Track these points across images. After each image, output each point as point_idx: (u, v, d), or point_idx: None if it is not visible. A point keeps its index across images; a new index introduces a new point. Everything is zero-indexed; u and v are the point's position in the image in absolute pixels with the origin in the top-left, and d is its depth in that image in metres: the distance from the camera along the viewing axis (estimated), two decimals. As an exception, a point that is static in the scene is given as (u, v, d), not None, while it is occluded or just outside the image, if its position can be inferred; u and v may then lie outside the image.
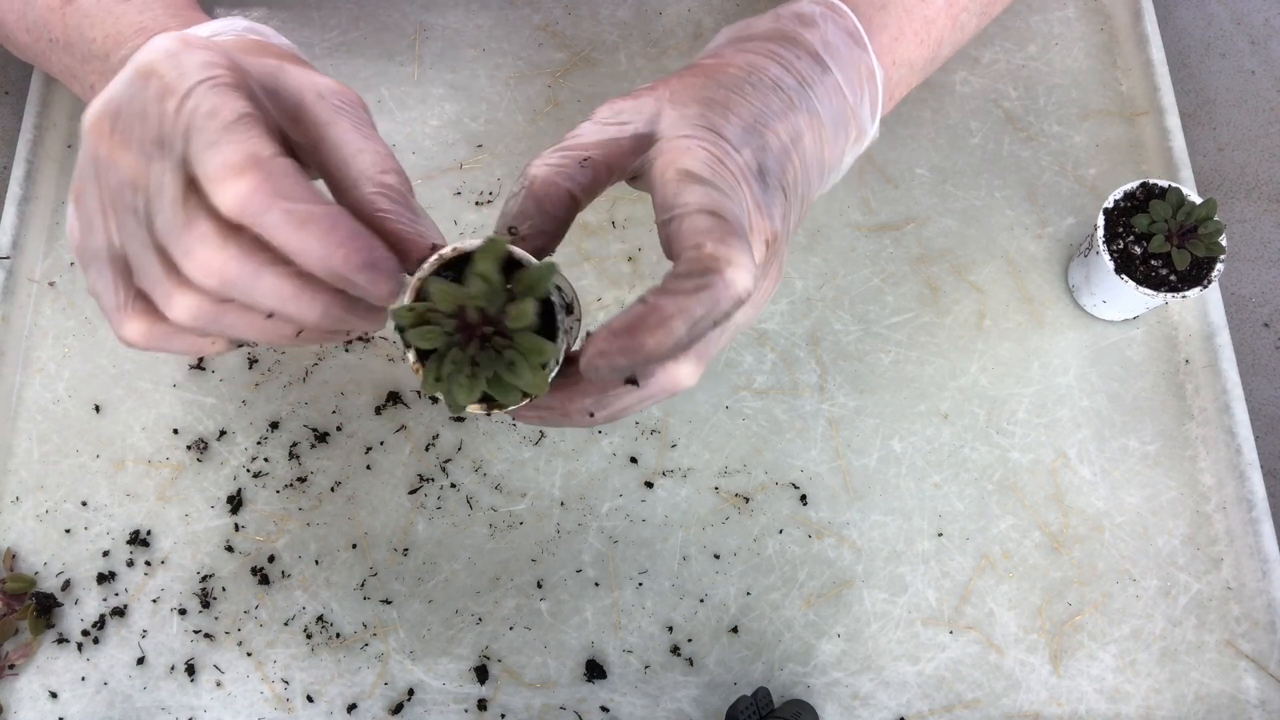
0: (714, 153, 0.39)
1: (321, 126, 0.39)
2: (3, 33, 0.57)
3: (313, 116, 0.39)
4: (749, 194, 0.39)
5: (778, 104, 0.43)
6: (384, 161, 0.39)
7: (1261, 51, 0.76)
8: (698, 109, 0.42)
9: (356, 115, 0.41)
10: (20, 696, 0.57)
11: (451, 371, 0.35)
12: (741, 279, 0.35)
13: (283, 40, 0.46)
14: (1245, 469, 0.61)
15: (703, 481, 0.61)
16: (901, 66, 0.51)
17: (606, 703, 0.57)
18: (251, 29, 0.45)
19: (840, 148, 0.47)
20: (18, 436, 0.62)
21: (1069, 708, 0.57)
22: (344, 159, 0.39)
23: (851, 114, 0.47)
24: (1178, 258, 0.58)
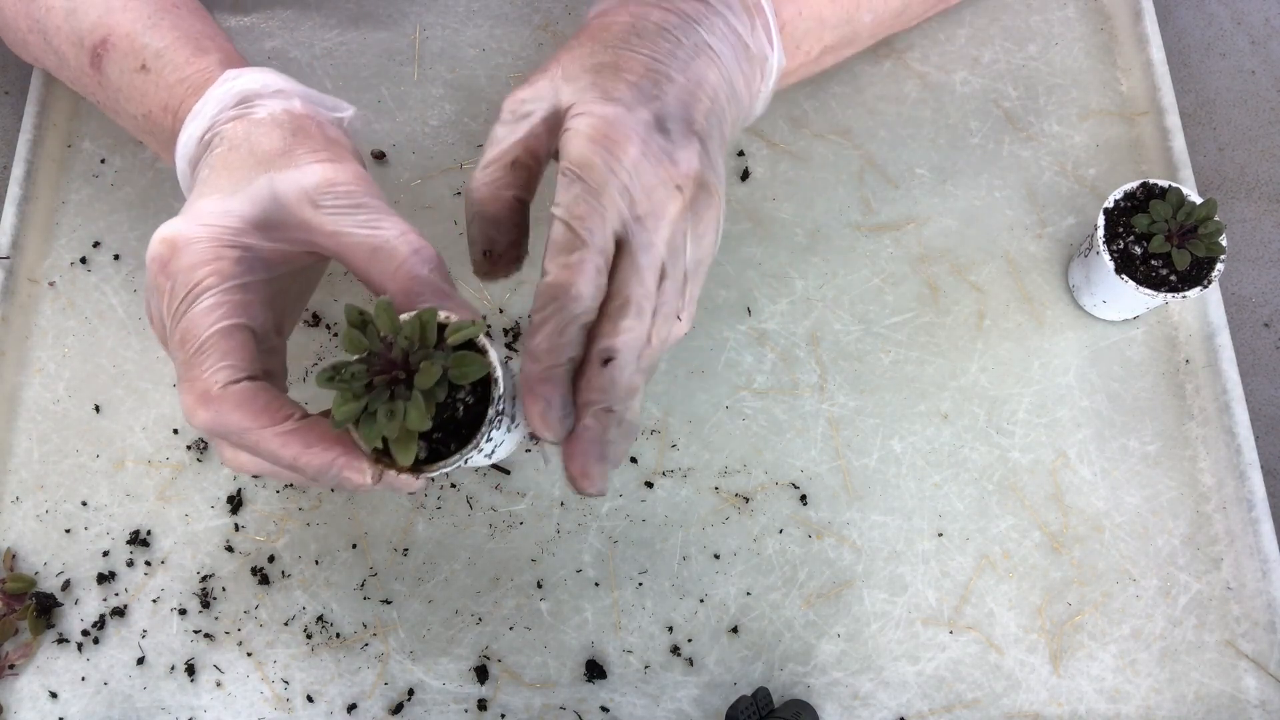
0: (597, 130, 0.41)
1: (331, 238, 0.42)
2: (46, 70, 0.59)
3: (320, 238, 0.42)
4: (644, 152, 0.41)
5: (667, 47, 0.44)
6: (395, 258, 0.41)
7: (1261, 51, 0.76)
8: (589, 79, 0.43)
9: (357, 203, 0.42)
10: (20, 696, 0.57)
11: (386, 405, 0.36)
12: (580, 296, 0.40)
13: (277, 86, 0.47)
14: (1245, 469, 0.61)
15: (703, 481, 0.61)
16: (809, 19, 0.53)
17: (606, 703, 0.57)
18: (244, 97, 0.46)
19: (746, 76, 0.48)
20: (18, 436, 0.62)
21: (1069, 708, 0.57)
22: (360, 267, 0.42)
23: (749, 45, 0.48)
24: (1178, 258, 0.58)
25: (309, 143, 0.45)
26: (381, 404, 0.36)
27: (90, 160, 0.68)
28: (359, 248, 0.41)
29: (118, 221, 0.66)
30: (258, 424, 0.39)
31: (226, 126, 0.45)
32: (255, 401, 0.39)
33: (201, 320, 0.40)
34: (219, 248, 0.41)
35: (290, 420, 0.39)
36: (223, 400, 0.39)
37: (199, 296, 0.40)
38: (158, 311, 0.42)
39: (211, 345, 0.40)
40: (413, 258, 0.41)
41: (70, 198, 0.67)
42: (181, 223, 0.41)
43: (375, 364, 0.37)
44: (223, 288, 0.40)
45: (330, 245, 0.42)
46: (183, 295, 0.40)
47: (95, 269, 0.65)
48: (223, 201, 0.42)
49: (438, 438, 0.39)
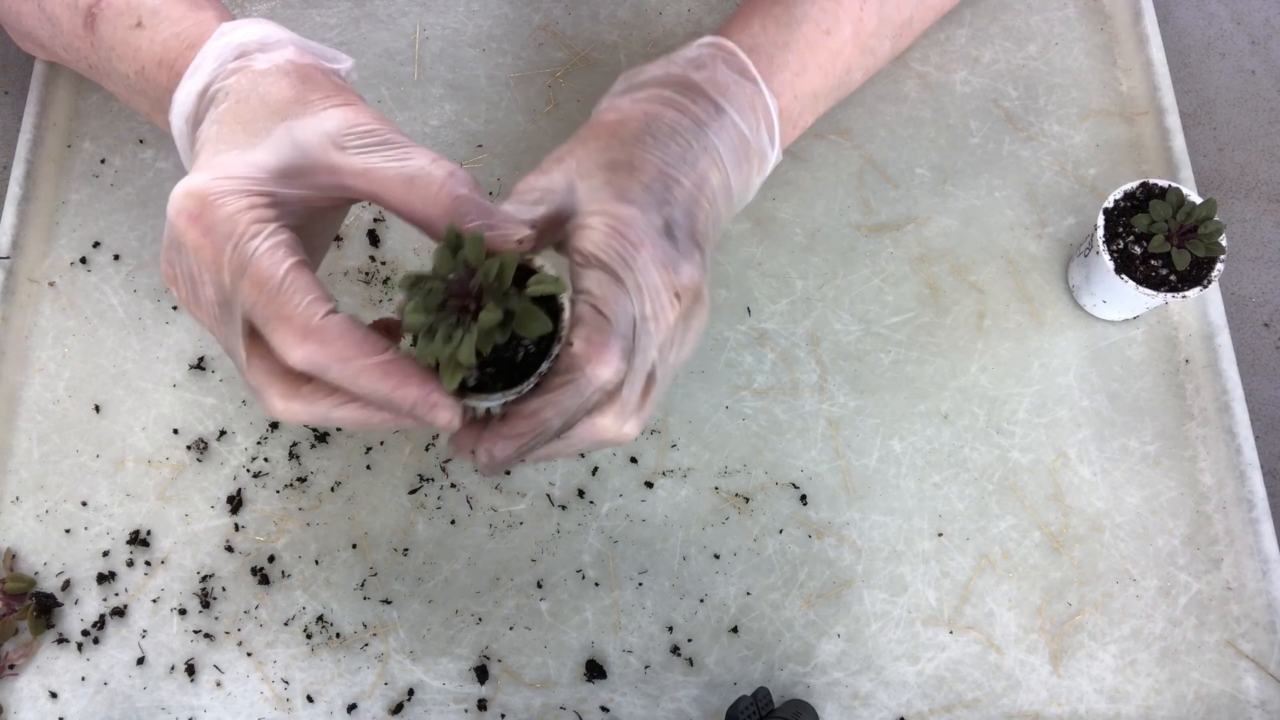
0: (614, 229, 0.42)
1: (361, 177, 0.42)
2: (38, 44, 0.59)
3: (350, 179, 0.42)
4: (653, 256, 0.42)
5: (678, 150, 0.46)
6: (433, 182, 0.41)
7: (1261, 51, 0.76)
8: (603, 177, 0.44)
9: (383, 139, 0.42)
10: (20, 696, 0.57)
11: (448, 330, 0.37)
12: (602, 374, 0.41)
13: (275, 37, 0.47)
14: (1245, 469, 0.61)
15: (703, 481, 0.61)
16: (804, 99, 0.54)
17: (606, 703, 0.57)
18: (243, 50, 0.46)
19: (745, 176, 0.50)
20: (18, 436, 0.62)
21: (1069, 708, 0.57)
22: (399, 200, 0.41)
23: (751, 145, 0.49)
24: (1178, 258, 0.58)
25: (320, 89, 0.44)
26: (445, 326, 0.37)
27: (90, 160, 0.68)
28: (393, 181, 0.41)
29: (118, 221, 0.66)
30: (360, 353, 0.38)
31: (229, 81, 0.45)
32: (355, 333, 0.39)
33: (270, 258, 0.39)
34: (251, 196, 0.40)
35: (389, 353, 0.39)
36: (324, 331, 0.38)
37: (253, 239, 0.39)
38: (185, 270, 0.41)
39: (292, 282, 0.39)
40: (450, 180, 0.41)
41: (70, 198, 0.67)
42: (205, 177, 0.41)
43: (453, 287, 0.38)
44: (270, 229, 0.40)
45: (361, 185, 0.42)
46: (232, 245, 0.39)
47: (95, 269, 0.65)
48: (243, 154, 0.41)
49: (491, 372, 0.40)
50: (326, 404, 0.41)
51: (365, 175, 0.41)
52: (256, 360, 0.41)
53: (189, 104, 0.46)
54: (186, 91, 0.46)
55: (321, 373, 0.39)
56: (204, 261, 0.40)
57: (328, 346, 0.38)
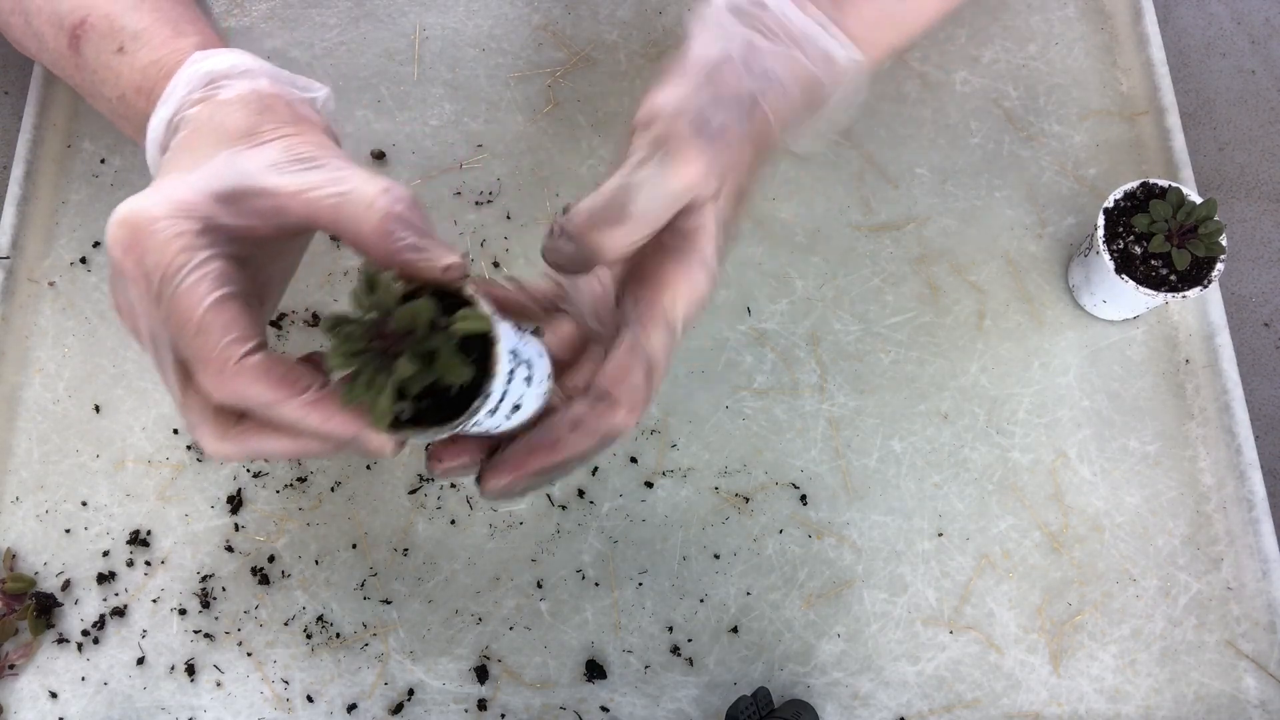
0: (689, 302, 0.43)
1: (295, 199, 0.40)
2: (30, 55, 0.58)
3: (285, 200, 0.41)
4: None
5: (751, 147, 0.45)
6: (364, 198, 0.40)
7: (1262, 51, 0.76)
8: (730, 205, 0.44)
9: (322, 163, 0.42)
10: (20, 696, 0.57)
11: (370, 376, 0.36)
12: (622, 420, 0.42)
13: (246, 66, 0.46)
14: (1245, 469, 0.61)
15: (703, 481, 0.61)
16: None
17: (606, 703, 0.57)
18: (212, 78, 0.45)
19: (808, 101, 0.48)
20: (18, 436, 0.62)
21: (1069, 708, 0.57)
22: (330, 220, 0.40)
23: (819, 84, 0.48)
24: (1178, 257, 0.58)
25: (274, 120, 0.44)
26: (367, 371, 0.36)
27: (90, 160, 0.68)
28: (325, 200, 0.40)
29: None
30: (280, 395, 0.38)
31: (192, 110, 0.44)
32: (274, 372, 0.38)
33: (190, 296, 0.38)
34: (181, 221, 0.39)
35: (313, 390, 0.38)
36: (240, 374, 0.38)
37: (177, 273, 0.38)
38: (126, 301, 0.40)
39: (211, 320, 0.38)
40: (383, 196, 0.39)
41: (70, 198, 0.67)
42: (138, 200, 0.40)
43: (374, 328, 0.36)
44: (197, 260, 0.38)
45: (296, 207, 0.40)
46: (159, 277, 0.38)
47: (95, 269, 0.65)
48: (181, 178, 0.41)
49: (425, 405, 0.39)
50: (257, 441, 0.40)
51: (298, 196, 0.40)
52: (190, 398, 0.40)
53: (159, 131, 0.46)
54: (158, 119, 0.46)
55: (248, 412, 0.39)
56: (139, 293, 0.39)
57: (249, 388, 0.38)
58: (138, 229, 0.39)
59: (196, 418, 0.40)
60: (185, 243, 0.39)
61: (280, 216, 0.41)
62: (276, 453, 0.41)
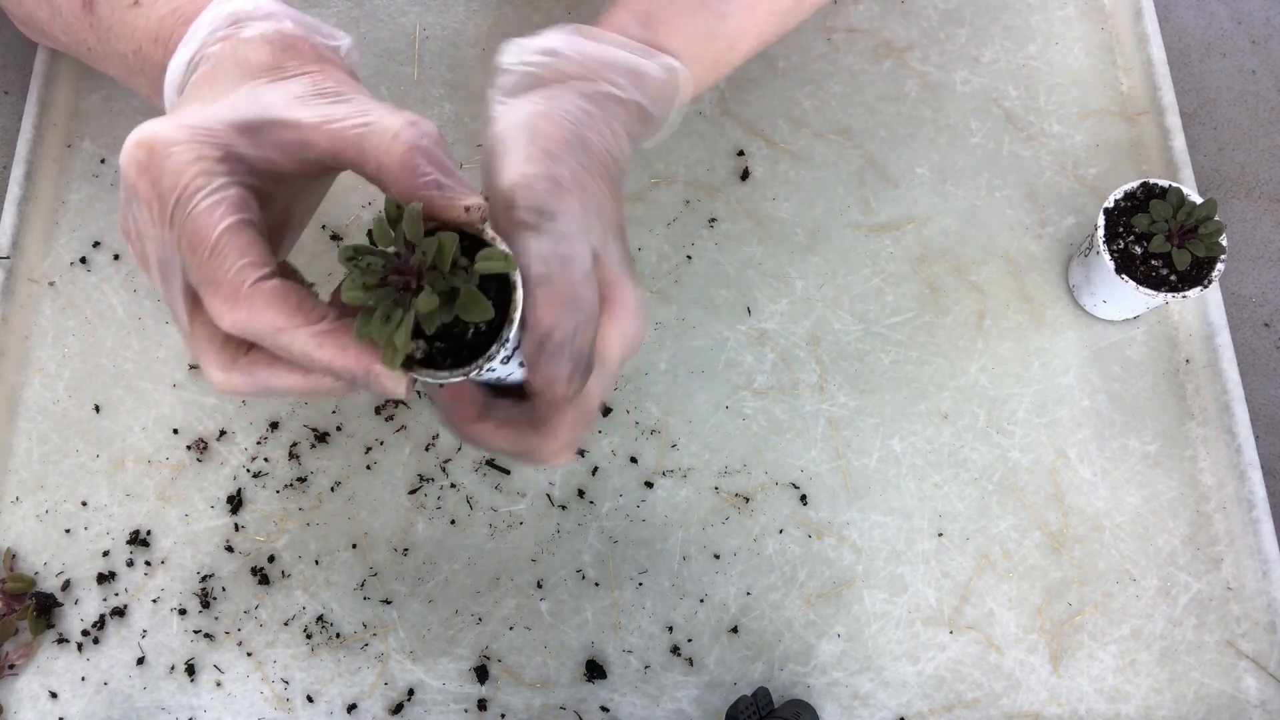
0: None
1: (318, 131, 0.40)
2: (38, 28, 0.58)
3: (308, 132, 0.40)
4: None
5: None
6: (389, 129, 0.39)
7: (1262, 51, 0.76)
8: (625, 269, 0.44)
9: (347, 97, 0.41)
10: (20, 696, 0.57)
11: (387, 310, 0.35)
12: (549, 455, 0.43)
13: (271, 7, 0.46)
14: (1245, 469, 0.61)
15: (703, 481, 0.61)
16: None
17: (606, 703, 0.57)
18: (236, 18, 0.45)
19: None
20: (18, 436, 0.62)
21: (1069, 708, 0.57)
22: (354, 152, 0.39)
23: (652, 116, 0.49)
24: (1178, 257, 0.58)
25: (298, 58, 0.43)
26: (384, 305, 0.35)
27: (90, 160, 0.68)
28: (349, 132, 0.39)
29: (117, 221, 0.66)
30: (293, 322, 0.37)
31: (214, 48, 0.44)
32: (289, 299, 0.37)
33: (206, 218, 0.37)
34: (202, 146, 0.38)
35: (326, 320, 0.37)
36: (254, 298, 0.36)
37: (193, 196, 0.37)
38: (136, 225, 0.39)
39: (226, 243, 0.37)
40: (409, 129, 0.39)
41: (70, 198, 0.67)
42: (158, 124, 0.39)
43: (394, 263, 0.36)
44: (216, 184, 0.38)
45: (320, 139, 0.40)
46: (175, 198, 0.37)
47: (95, 269, 0.65)
48: (203, 107, 0.40)
49: (440, 347, 0.38)
50: (266, 374, 0.39)
51: (322, 128, 0.39)
52: (198, 326, 0.39)
53: (179, 72, 0.45)
54: (178, 60, 0.45)
55: (256, 340, 0.37)
56: (151, 215, 0.38)
57: (259, 314, 0.36)
58: (154, 150, 0.38)
59: (204, 346, 0.39)
60: (203, 167, 0.38)
61: (302, 149, 0.40)
62: (284, 388, 0.39)
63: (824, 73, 0.70)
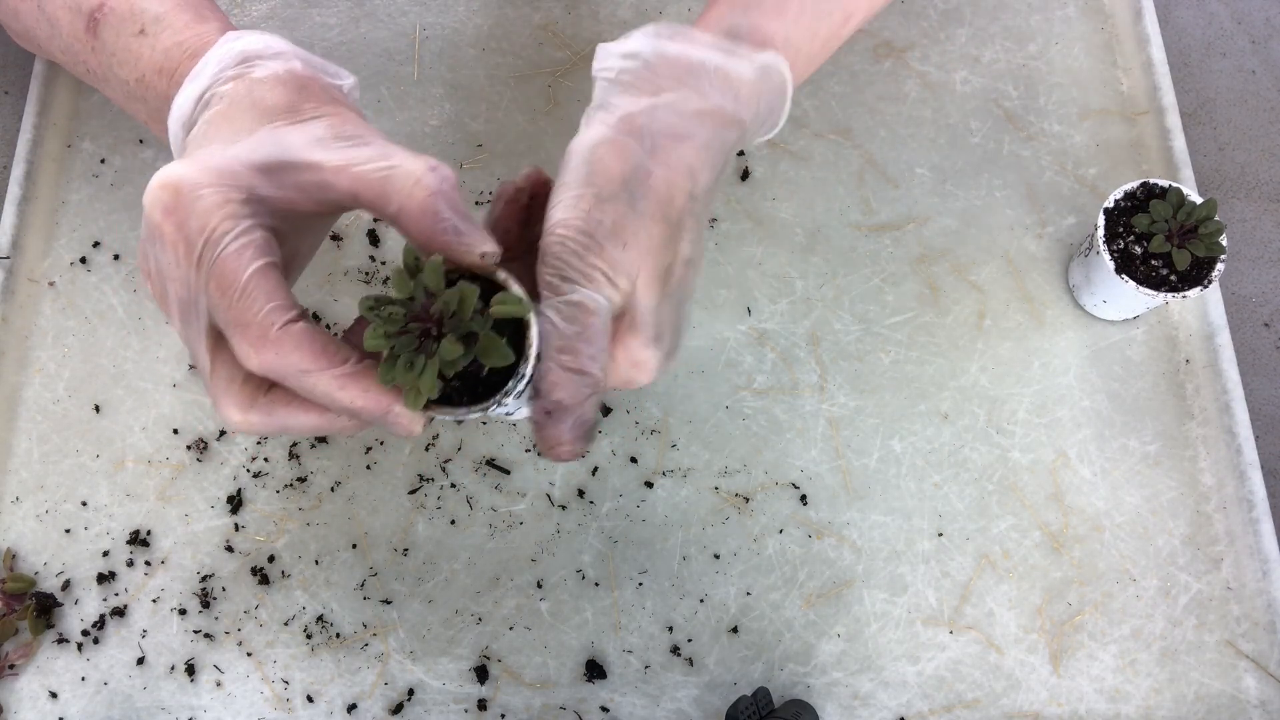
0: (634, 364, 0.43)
1: (340, 173, 0.41)
2: (35, 44, 0.58)
3: (329, 174, 0.41)
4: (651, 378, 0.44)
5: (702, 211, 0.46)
6: (411, 174, 0.40)
7: (1262, 51, 0.76)
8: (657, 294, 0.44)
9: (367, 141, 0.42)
10: (20, 696, 0.57)
11: (409, 355, 0.37)
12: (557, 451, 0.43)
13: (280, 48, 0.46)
14: (1245, 469, 0.61)
15: (703, 481, 0.61)
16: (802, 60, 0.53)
17: (606, 703, 0.57)
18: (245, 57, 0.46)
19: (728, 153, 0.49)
20: (18, 436, 0.62)
21: (1069, 708, 0.57)
22: (375, 195, 0.41)
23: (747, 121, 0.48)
24: (1178, 257, 0.58)
25: (314, 99, 0.44)
26: (406, 352, 0.37)
27: (90, 160, 0.68)
28: (372, 175, 0.41)
29: (118, 221, 0.66)
30: (318, 365, 0.38)
31: (226, 87, 0.45)
32: (314, 342, 0.38)
33: (235, 261, 0.38)
34: (227, 190, 0.39)
35: (349, 363, 0.39)
36: (282, 341, 0.38)
37: (221, 239, 0.38)
38: (157, 266, 0.40)
39: (255, 286, 0.38)
40: (430, 175, 0.40)
41: (70, 198, 0.67)
42: (182, 167, 0.40)
43: (414, 311, 0.37)
44: (243, 227, 0.39)
45: (340, 182, 0.41)
46: (203, 240, 0.38)
47: (95, 269, 0.65)
48: (225, 148, 0.41)
49: (456, 385, 0.40)
50: (285, 413, 0.40)
51: (344, 171, 0.41)
52: (220, 366, 0.40)
53: (186, 108, 0.46)
54: (185, 96, 0.46)
55: (280, 380, 0.39)
56: (176, 256, 0.39)
57: (286, 356, 0.38)
58: (181, 193, 0.39)
59: (223, 386, 0.40)
60: (230, 210, 0.39)
61: (323, 191, 0.41)
62: (302, 427, 0.41)
63: (824, 72, 0.70)
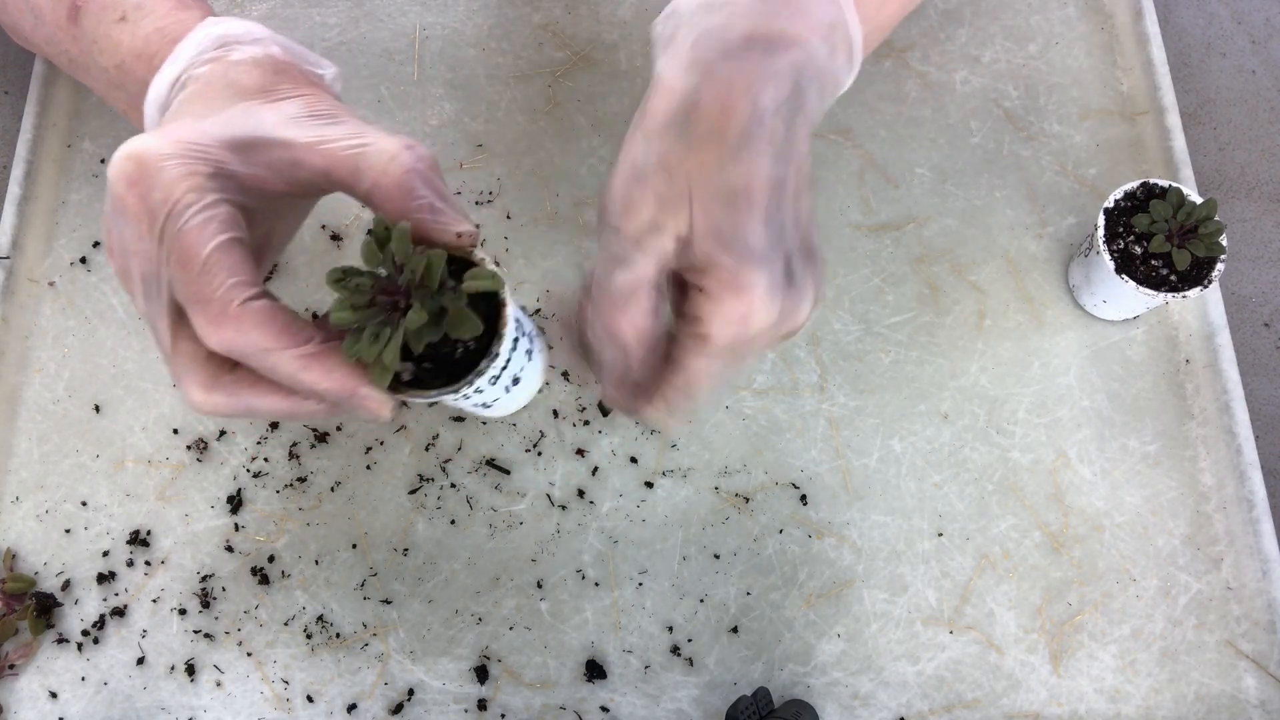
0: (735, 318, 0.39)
1: (313, 151, 0.40)
2: (21, 35, 0.58)
3: (302, 151, 0.40)
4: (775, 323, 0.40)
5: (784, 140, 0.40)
6: (387, 151, 0.39)
7: (1262, 51, 0.76)
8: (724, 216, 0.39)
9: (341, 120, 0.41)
10: (20, 696, 0.57)
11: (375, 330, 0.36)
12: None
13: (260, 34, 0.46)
14: (1245, 469, 0.61)
15: (703, 481, 0.61)
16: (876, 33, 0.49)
17: (606, 703, 0.57)
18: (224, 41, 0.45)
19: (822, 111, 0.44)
20: (18, 436, 0.62)
21: (1069, 708, 0.57)
22: (349, 173, 0.39)
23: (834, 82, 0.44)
24: (1178, 257, 0.58)
25: (290, 81, 0.43)
26: (373, 325, 0.36)
27: (90, 160, 0.68)
28: (345, 153, 0.39)
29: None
30: (280, 343, 0.37)
31: (202, 69, 0.44)
32: (276, 320, 0.37)
33: (197, 234, 0.37)
34: (194, 162, 0.38)
35: (312, 342, 0.37)
36: (242, 318, 0.36)
37: (184, 211, 0.37)
38: (120, 239, 0.39)
39: (216, 261, 0.37)
40: (406, 152, 0.39)
41: (70, 198, 0.67)
42: (149, 139, 0.39)
43: (382, 283, 0.36)
44: (207, 201, 0.38)
45: (314, 160, 0.40)
46: (165, 213, 0.37)
47: (95, 269, 0.65)
48: (195, 123, 0.40)
49: (428, 367, 0.38)
50: (249, 394, 0.39)
51: (317, 149, 0.40)
52: (181, 343, 0.39)
53: (162, 91, 0.45)
54: (162, 79, 0.45)
55: (242, 359, 0.37)
56: (139, 229, 0.38)
57: (246, 334, 0.36)
58: (145, 164, 0.38)
59: (185, 364, 0.39)
60: (195, 183, 0.38)
61: (294, 169, 0.40)
62: (266, 409, 0.39)
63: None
